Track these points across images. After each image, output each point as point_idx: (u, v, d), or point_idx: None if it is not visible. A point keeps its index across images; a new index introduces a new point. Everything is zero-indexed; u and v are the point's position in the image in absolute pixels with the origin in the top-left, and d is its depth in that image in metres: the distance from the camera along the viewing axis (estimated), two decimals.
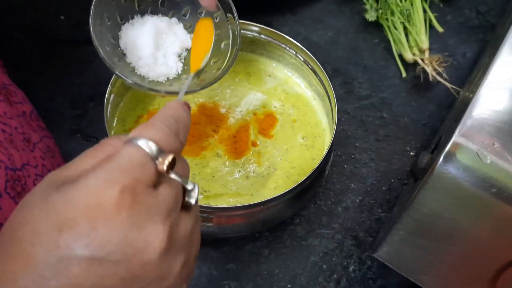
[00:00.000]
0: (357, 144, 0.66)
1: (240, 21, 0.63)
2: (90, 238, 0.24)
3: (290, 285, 0.56)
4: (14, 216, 0.26)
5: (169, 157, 0.27)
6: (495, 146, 0.43)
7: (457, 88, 0.66)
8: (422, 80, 0.69)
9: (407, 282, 0.50)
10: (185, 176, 0.30)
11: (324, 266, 0.57)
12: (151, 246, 0.25)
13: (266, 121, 0.63)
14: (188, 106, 0.33)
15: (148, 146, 0.27)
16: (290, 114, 0.64)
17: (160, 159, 0.27)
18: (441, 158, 0.43)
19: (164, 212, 0.26)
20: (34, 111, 0.46)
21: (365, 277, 0.57)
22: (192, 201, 0.29)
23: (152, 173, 0.26)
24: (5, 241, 0.26)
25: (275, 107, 0.64)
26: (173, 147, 0.28)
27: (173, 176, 0.28)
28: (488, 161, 0.42)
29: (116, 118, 0.61)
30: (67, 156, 0.57)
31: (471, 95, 0.48)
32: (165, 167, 0.27)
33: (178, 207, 0.28)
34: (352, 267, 0.57)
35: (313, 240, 0.58)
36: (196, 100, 0.63)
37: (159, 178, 0.27)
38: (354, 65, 0.73)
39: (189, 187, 0.29)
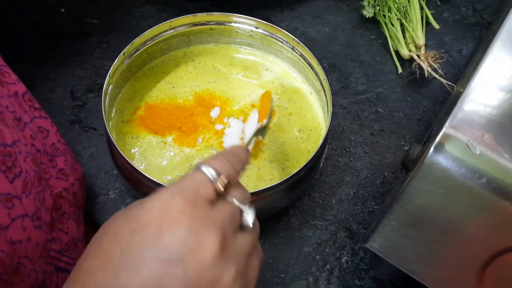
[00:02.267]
0: (352, 138, 0.66)
1: (238, 15, 0.64)
2: (157, 240, 0.30)
3: (283, 275, 0.56)
4: (104, 225, 0.32)
5: (224, 179, 0.34)
6: (484, 137, 0.43)
7: (452, 84, 0.66)
8: (417, 76, 0.70)
9: (398, 273, 0.50)
10: (244, 201, 0.35)
11: (317, 256, 0.58)
12: (204, 250, 0.30)
13: None
14: (247, 150, 0.41)
15: (208, 171, 0.34)
16: (286, 108, 0.64)
17: (218, 181, 0.34)
18: (432, 149, 0.43)
19: (218, 224, 0.32)
20: (28, 93, 0.46)
21: (357, 268, 0.57)
22: (249, 222, 0.35)
23: (210, 191, 0.33)
24: (93, 245, 0.32)
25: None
26: (229, 173, 0.35)
27: (229, 197, 0.35)
28: (478, 152, 0.43)
29: (114, 109, 0.62)
30: None
31: (462, 90, 0.49)
32: (220, 185, 0.33)
33: (234, 224, 0.34)
34: (345, 258, 0.58)
35: (307, 231, 0.59)
36: (194, 92, 0.64)
37: (218, 198, 0.34)
38: (351, 60, 0.73)
39: (246, 210, 0.35)
